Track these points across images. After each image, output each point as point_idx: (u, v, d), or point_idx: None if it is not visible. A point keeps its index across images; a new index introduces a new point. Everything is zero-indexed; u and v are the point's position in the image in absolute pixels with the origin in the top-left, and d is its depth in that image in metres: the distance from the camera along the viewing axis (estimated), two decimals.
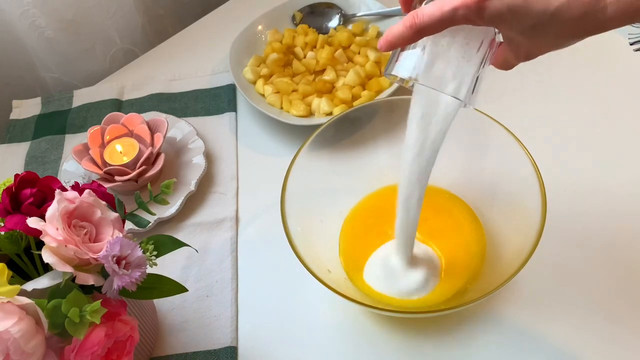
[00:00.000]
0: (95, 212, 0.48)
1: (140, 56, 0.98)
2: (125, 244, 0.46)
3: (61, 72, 0.95)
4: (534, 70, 0.83)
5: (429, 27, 0.43)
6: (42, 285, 0.45)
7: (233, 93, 0.88)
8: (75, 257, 0.45)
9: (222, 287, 0.67)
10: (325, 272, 0.60)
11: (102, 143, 0.76)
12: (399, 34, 0.44)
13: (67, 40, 0.92)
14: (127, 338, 0.48)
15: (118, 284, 0.45)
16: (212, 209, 0.75)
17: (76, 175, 0.77)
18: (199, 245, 0.70)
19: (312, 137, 0.65)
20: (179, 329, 0.64)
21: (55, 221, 0.44)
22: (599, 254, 0.66)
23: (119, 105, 0.89)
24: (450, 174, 0.67)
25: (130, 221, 0.55)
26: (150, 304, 0.62)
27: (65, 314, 0.43)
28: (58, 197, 0.46)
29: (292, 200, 0.61)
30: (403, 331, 0.62)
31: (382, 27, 0.90)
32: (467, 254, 0.64)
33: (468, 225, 0.67)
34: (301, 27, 0.91)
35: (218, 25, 1.00)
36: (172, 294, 0.53)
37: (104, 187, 0.53)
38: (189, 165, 0.77)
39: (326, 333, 0.63)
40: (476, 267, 0.63)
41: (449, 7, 0.42)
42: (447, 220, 0.67)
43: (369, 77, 0.84)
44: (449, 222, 0.67)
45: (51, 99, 0.91)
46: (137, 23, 0.99)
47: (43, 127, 0.87)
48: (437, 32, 0.44)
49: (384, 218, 0.68)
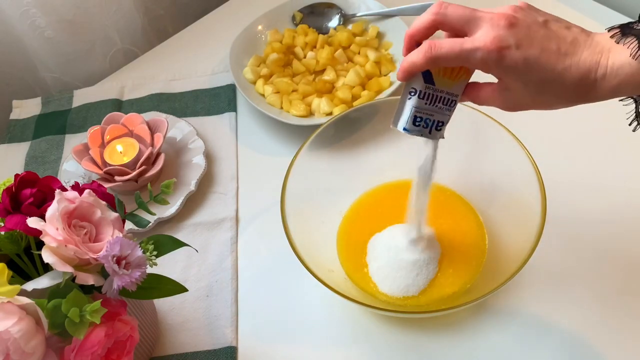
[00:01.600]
0: (95, 212, 0.48)
1: (140, 56, 0.98)
2: (125, 244, 0.46)
3: (61, 72, 0.95)
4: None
5: (444, 58, 0.45)
6: (42, 285, 0.45)
7: (233, 93, 0.88)
8: (75, 257, 0.45)
9: (222, 287, 0.67)
10: (326, 272, 0.60)
11: (102, 143, 0.76)
12: (414, 60, 0.46)
13: (67, 40, 0.92)
14: (127, 338, 0.48)
15: (118, 284, 0.45)
16: (212, 209, 0.75)
17: (76, 175, 0.77)
18: (199, 245, 0.70)
19: (312, 137, 0.65)
20: (179, 329, 0.64)
21: (55, 221, 0.44)
22: (599, 253, 0.65)
23: (119, 105, 0.88)
24: (452, 172, 0.67)
25: (130, 221, 0.55)
26: (150, 304, 0.62)
27: (65, 314, 0.43)
28: (58, 197, 0.46)
29: (292, 200, 0.61)
30: (403, 330, 0.62)
31: (382, 27, 0.90)
32: (468, 252, 0.64)
33: (469, 223, 0.67)
34: (301, 27, 0.91)
35: (218, 25, 1.00)
36: (172, 293, 0.53)
37: (104, 187, 0.53)
38: (189, 165, 0.77)
39: (326, 333, 0.63)
40: (477, 265, 0.63)
41: (469, 46, 0.44)
42: (448, 218, 0.67)
43: (369, 77, 0.84)
44: (449, 219, 0.67)
45: (51, 99, 0.91)
46: (137, 23, 0.99)
47: (43, 127, 0.87)
48: (449, 65, 0.46)
49: (384, 216, 0.68)
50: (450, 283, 0.62)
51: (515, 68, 0.44)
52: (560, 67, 0.43)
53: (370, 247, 0.66)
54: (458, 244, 0.65)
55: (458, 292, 0.62)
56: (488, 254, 0.64)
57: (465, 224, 0.67)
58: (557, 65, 0.43)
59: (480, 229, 0.66)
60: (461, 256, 0.64)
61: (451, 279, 0.63)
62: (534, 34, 0.44)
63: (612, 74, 0.43)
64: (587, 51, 0.44)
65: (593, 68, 0.43)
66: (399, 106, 0.50)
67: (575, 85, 0.44)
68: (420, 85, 0.48)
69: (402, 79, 0.48)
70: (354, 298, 0.55)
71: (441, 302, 0.61)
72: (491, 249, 0.64)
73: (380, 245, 0.64)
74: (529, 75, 0.44)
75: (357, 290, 0.63)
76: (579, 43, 0.44)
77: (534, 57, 0.43)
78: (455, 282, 0.62)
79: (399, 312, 0.59)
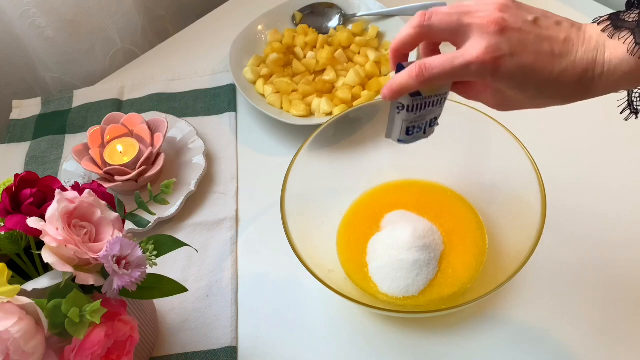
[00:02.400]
0: (95, 212, 0.48)
1: (140, 56, 0.98)
2: (125, 244, 0.46)
3: (61, 72, 0.95)
4: None
5: (437, 79, 0.43)
6: (42, 285, 0.45)
7: (233, 93, 0.88)
8: (75, 257, 0.45)
9: (222, 287, 0.67)
10: (326, 272, 0.60)
11: (102, 143, 0.76)
12: (405, 83, 0.44)
13: (67, 40, 0.92)
14: (127, 338, 0.48)
15: (118, 284, 0.45)
16: (212, 209, 0.75)
17: (76, 175, 0.77)
18: (199, 245, 0.70)
19: (312, 137, 0.65)
20: (179, 329, 0.64)
21: (55, 221, 0.44)
22: (599, 252, 0.66)
23: (119, 105, 0.89)
24: (452, 172, 0.67)
25: (130, 221, 0.55)
26: (150, 304, 0.62)
27: (65, 314, 0.43)
28: (58, 197, 0.46)
29: (292, 200, 0.61)
30: (403, 331, 0.62)
31: (382, 27, 0.90)
32: (468, 253, 0.64)
33: (469, 223, 0.67)
34: (301, 27, 0.91)
35: (218, 25, 1.00)
36: (172, 294, 0.53)
37: (104, 187, 0.53)
38: (189, 165, 0.77)
39: (326, 333, 0.63)
40: (477, 265, 0.63)
41: (461, 62, 0.42)
42: (448, 218, 0.67)
43: (369, 77, 0.84)
44: (450, 219, 0.67)
45: (51, 99, 0.91)
46: (137, 23, 0.99)
47: (43, 127, 0.87)
48: (443, 83, 0.44)
49: (384, 216, 0.68)
50: (450, 283, 0.62)
51: (511, 76, 0.42)
52: (557, 71, 0.42)
53: (370, 247, 0.66)
54: (458, 244, 0.65)
55: (458, 292, 0.62)
56: (488, 254, 0.64)
57: (466, 224, 0.67)
58: (553, 69, 0.42)
59: (481, 229, 0.66)
60: (461, 256, 0.64)
61: (451, 279, 0.63)
62: (526, 36, 0.42)
63: (609, 71, 0.42)
64: (581, 49, 0.42)
65: (590, 67, 0.42)
66: (389, 119, 0.49)
67: (573, 86, 0.43)
68: (407, 100, 0.46)
69: (391, 99, 0.46)
70: (354, 298, 0.55)
71: (441, 302, 0.61)
72: (491, 249, 0.64)
73: (380, 245, 0.64)
74: (526, 82, 0.42)
75: (357, 290, 0.63)
76: (572, 41, 0.43)
77: (530, 63, 0.42)
78: (455, 282, 0.62)
79: (398, 312, 0.59)
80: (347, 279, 0.64)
